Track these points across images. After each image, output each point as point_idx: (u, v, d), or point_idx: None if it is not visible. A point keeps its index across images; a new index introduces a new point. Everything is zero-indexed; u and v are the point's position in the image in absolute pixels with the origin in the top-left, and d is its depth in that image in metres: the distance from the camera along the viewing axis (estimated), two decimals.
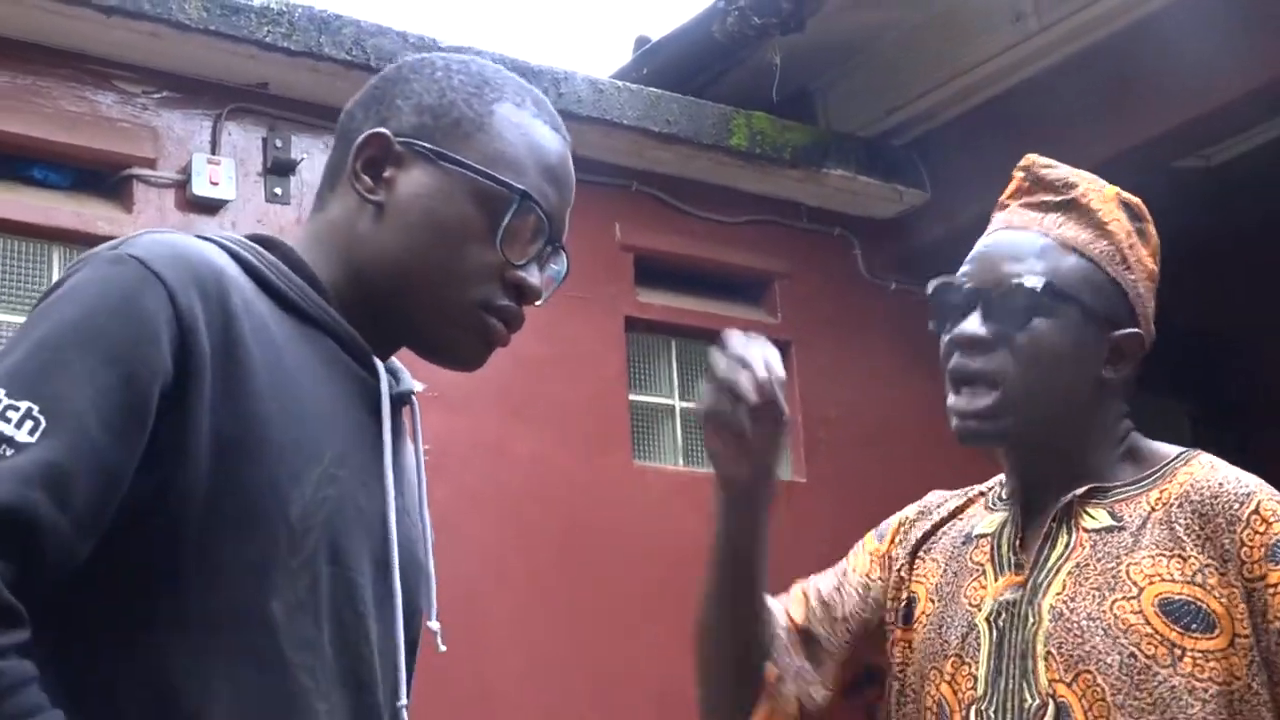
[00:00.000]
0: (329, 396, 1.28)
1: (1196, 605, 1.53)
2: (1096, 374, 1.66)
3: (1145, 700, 1.51)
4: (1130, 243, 1.71)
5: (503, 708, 3.54)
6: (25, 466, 1.06)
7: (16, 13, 3.27)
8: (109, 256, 1.19)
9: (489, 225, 1.34)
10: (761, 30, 4.13)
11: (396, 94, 1.40)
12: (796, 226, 4.46)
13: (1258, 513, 1.54)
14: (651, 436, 4.16)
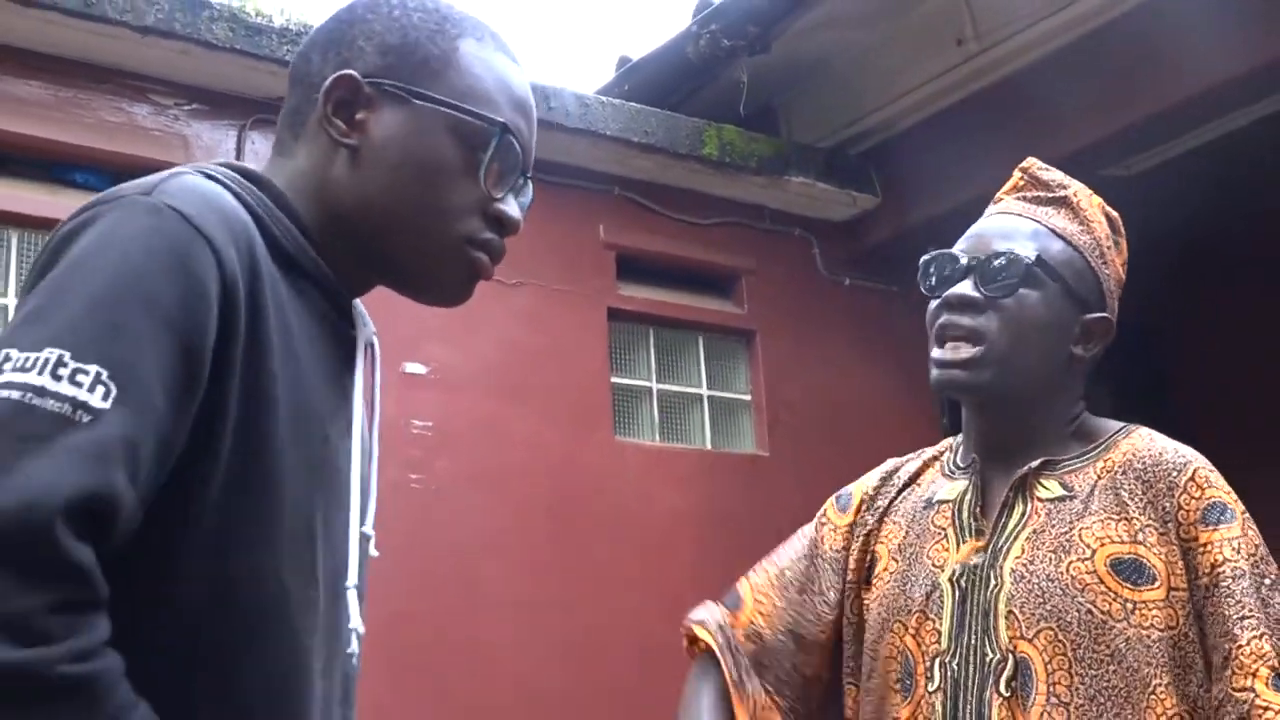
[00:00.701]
0: (316, 354, 1.18)
1: (1141, 562, 1.54)
2: (1068, 349, 1.68)
3: (1104, 652, 1.52)
4: (1108, 244, 1.73)
5: (496, 660, 3.56)
6: (106, 442, 0.95)
7: (60, 33, 3.26)
8: (146, 205, 1.07)
9: (469, 161, 1.24)
10: (730, 52, 4.13)
11: (356, 35, 1.27)
12: (761, 228, 4.47)
13: (1193, 479, 1.56)
14: (631, 415, 4.16)
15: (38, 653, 0.88)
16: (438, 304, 1.31)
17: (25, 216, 3.28)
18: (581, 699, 3.70)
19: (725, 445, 4.32)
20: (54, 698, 0.90)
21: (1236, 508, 1.56)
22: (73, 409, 0.94)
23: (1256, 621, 1.49)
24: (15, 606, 0.88)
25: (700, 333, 4.36)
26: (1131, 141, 4.13)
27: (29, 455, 0.91)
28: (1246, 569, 1.51)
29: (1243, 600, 1.50)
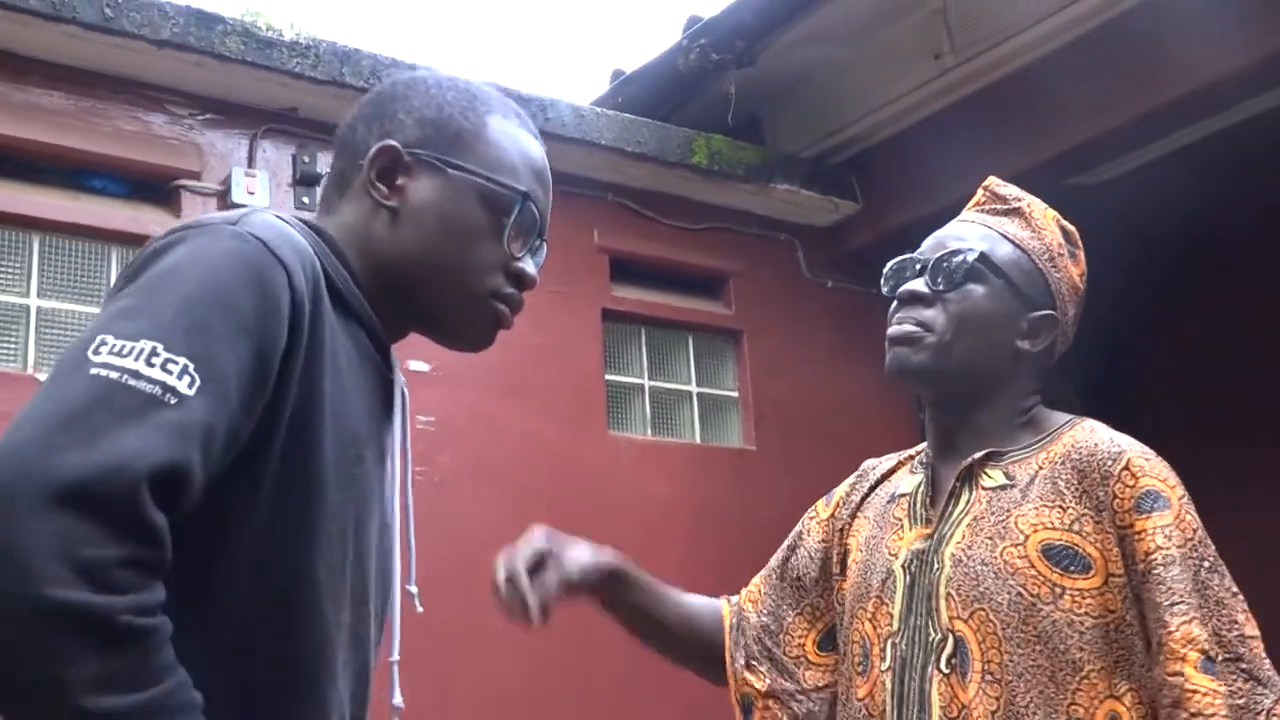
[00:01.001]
0: (357, 382, 1.26)
1: (1074, 550, 1.54)
2: (1013, 343, 1.69)
3: (1031, 633, 1.53)
4: (1060, 252, 1.75)
5: (497, 644, 3.56)
6: (189, 423, 1.02)
7: (81, 46, 3.26)
8: (231, 232, 1.15)
9: (494, 224, 1.34)
10: (719, 65, 4.15)
11: (398, 109, 1.37)
12: (748, 233, 4.48)
13: (1128, 469, 1.55)
14: (624, 411, 4.18)
15: (107, 600, 0.95)
16: (465, 349, 1.41)
17: (47, 221, 3.29)
18: (578, 680, 3.72)
19: (714, 440, 4.33)
20: (112, 643, 0.96)
21: (1172, 495, 1.55)
22: (162, 391, 1.02)
23: (1187, 607, 1.48)
24: (94, 555, 0.94)
25: (690, 332, 4.38)
26: (1096, 152, 4.15)
27: (123, 426, 0.99)
28: (1178, 555, 1.50)
29: (1174, 587, 1.49)
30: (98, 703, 0.94)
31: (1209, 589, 1.50)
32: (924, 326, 1.68)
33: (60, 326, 3.27)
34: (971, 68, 4.09)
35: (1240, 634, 1.48)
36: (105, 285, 3.35)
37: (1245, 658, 1.47)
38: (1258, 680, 1.46)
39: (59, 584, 0.93)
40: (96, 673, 0.95)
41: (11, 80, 3.27)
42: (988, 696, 1.53)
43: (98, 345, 1.04)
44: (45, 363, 3.20)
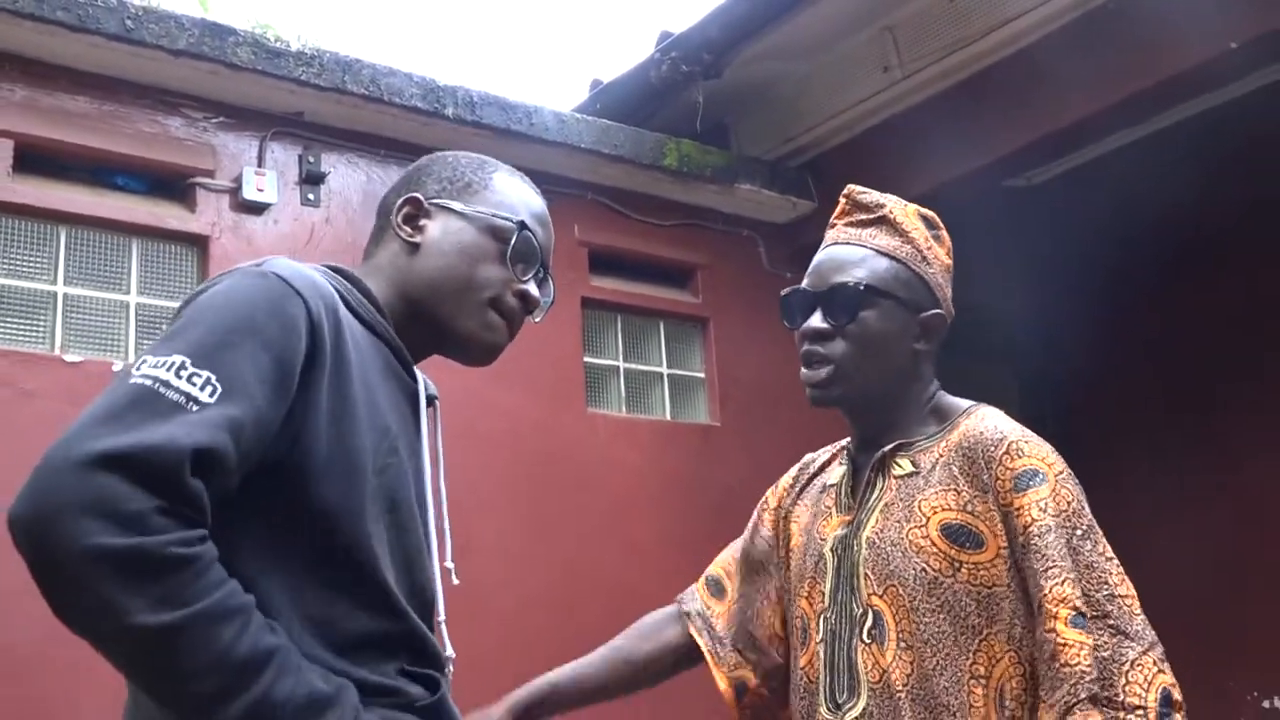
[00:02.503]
0: (387, 391, 1.36)
1: (968, 528, 1.58)
2: (911, 348, 1.73)
3: (935, 603, 1.58)
4: (928, 245, 1.78)
5: (484, 601, 3.57)
6: (215, 417, 1.12)
7: (104, 54, 3.24)
8: (256, 272, 1.27)
9: (499, 250, 1.47)
10: (688, 76, 4.15)
11: (421, 174, 1.52)
12: (714, 229, 4.48)
13: (1007, 452, 1.59)
14: (601, 390, 4.18)
15: (149, 539, 1.05)
16: (475, 360, 1.54)
17: (73, 215, 3.26)
18: (558, 633, 3.72)
19: (682, 417, 4.34)
20: (159, 570, 1.06)
21: (1049, 471, 1.59)
22: (186, 400, 1.12)
23: (1059, 570, 1.51)
24: (133, 508, 1.05)
25: (661, 319, 4.38)
26: (1030, 156, 4.18)
27: (151, 422, 1.10)
28: (1053, 524, 1.53)
29: (1047, 553, 1.52)
30: (156, 619, 1.04)
31: (1080, 554, 1.54)
32: (828, 360, 1.71)
33: (85, 312, 3.25)
34: (917, 79, 4.10)
35: (1110, 593, 1.52)
36: (126, 274, 3.33)
37: (1113, 615, 1.51)
38: (1125, 634, 1.50)
39: (100, 533, 1.03)
40: (150, 596, 1.04)
41: (41, 86, 3.23)
42: (903, 661, 1.58)
43: (140, 363, 1.16)
44: (71, 344, 3.18)
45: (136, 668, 1.10)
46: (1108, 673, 1.47)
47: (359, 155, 3.71)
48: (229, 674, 1.08)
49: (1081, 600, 1.50)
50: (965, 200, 4.30)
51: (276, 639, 1.13)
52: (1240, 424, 4.74)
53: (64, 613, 1.08)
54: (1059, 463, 1.62)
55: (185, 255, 3.43)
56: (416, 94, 3.64)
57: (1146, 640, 1.51)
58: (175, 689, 1.08)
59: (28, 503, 1.08)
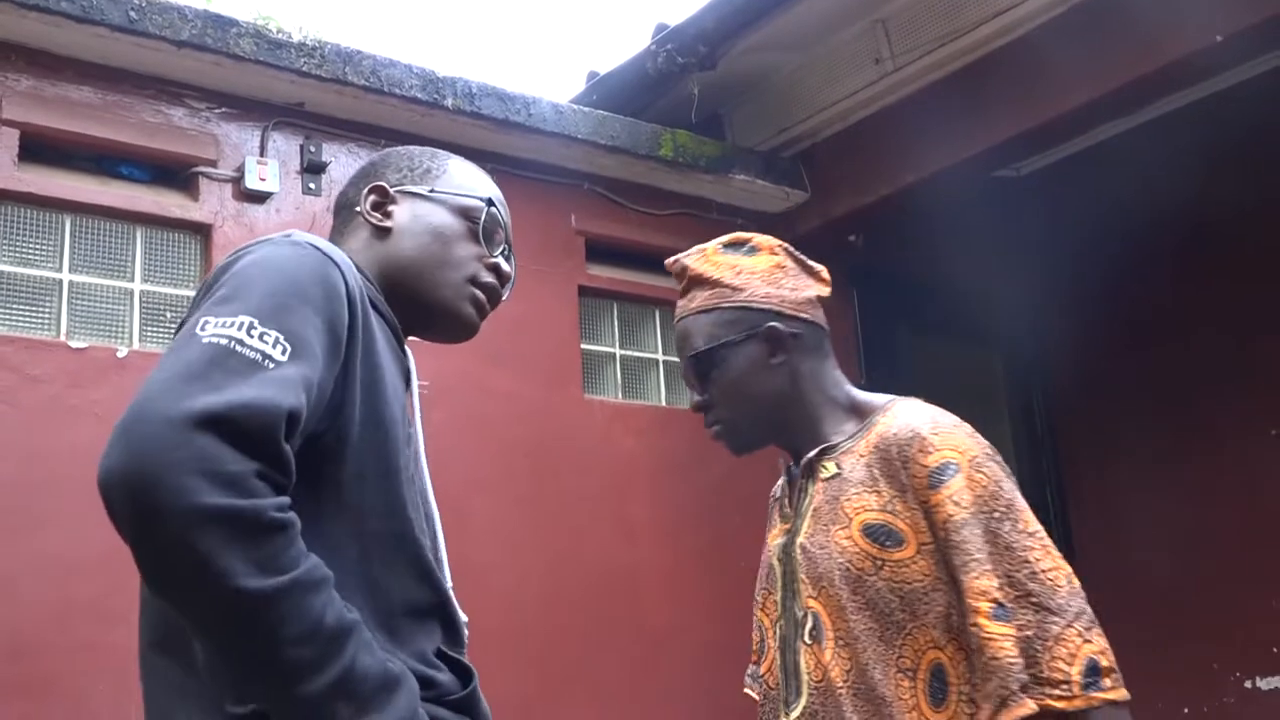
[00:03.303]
0: (391, 363, 1.36)
1: (889, 527, 1.58)
2: (773, 369, 1.73)
3: (861, 601, 1.59)
4: (736, 270, 1.77)
5: (484, 579, 3.59)
6: (293, 377, 1.12)
7: (109, 45, 3.23)
8: (291, 241, 1.27)
9: (469, 228, 1.50)
10: (684, 68, 4.14)
11: (378, 167, 1.54)
12: (709, 218, 4.48)
13: (920, 449, 1.59)
14: (597, 376, 4.19)
15: (251, 502, 1.04)
16: (455, 336, 1.52)
17: (78, 204, 3.26)
18: (554, 609, 3.75)
19: (677, 402, 4.35)
20: (261, 534, 1.05)
21: (962, 459, 1.58)
22: (263, 358, 1.11)
23: (976, 563, 1.51)
24: (235, 469, 1.04)
25: (657, 307, 4.39)
26: (1018, 148, 4.18)
27: (237, 381, 1.08)
28: (968, 516, 1.53)
29: (965, 547, 1.53)
30: (259, 583, 1.03)
31: (999, 536, 1.53)
32: (719, 421, 1.77)
33: (90, 298, 3.25)
34: (908, 71, 4.11)
35: (1031, 571, 1.51)
36: (130, 261, 3.33)
37: (1035, 592, 1.50)
38: (1048, 610, 1.49)
39: (207, 493, 1.02)
40: (251, 560, 1.03)
41: (46, 77, 3.23)
42: (840, 658, 1.60)
43: (203, 324, 1.13)
44: (76, 331, 3.18)
45: (230, 633, 1.05)
46: (1033, 651, 1.48)
47: (360, 145, 3.71)
48: (321, 643, 1.07)
49: (1002, 588, 1.50)
50: (956, 190, 4.31)
51: (354, 614, 1.13)
52: (1228, 411, 4.75)
53: (161, 574, 1.05)
54: (973, 447, 1.61)
55: (188, 243, 3.44)
56: (416, 85, 3.64)
57: (1070, 612, 1.49)
58: (270, 656, 1.05)
59: (127, 460, 1.03)
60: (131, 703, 3.09)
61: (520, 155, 3.98)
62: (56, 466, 2.99)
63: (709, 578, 4.07)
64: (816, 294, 1.80)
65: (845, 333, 4.72)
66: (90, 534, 3.00)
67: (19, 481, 2.95)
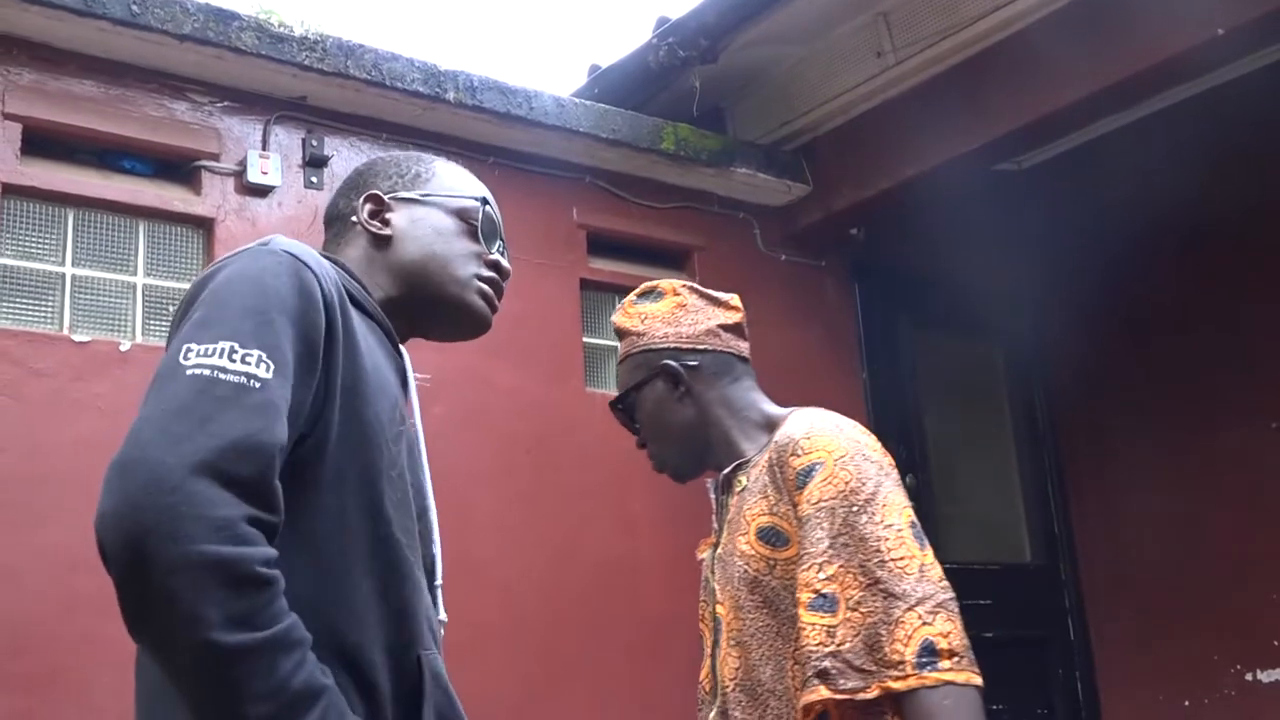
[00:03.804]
0: (384, 365, 1.37)
1: (777, 529, 1.66)
2: (680, 403, 1.84)
3: (758, 600, 1.67)
4: (642, 318, 1.89)
5: (484, 572, 3.59)
6: (278, 399, 1.14)
7: (111, 39, 3.23)
8: (266, 251, 1.28)
9: (467, 228, 1.52)
10: (685, 61, 4.13)
11: (366, 177, 1.55)
12: (710, 211, 4.48)
13: (793, 453, 1.66)
14: (599, 369, 4.18)
15: (241, 551, 1.05)
16: (467, 334, 1.55)
17: (81, 197, 3.25)
18: (553, 601, 3.75)
19: None
20: (246, 587, 1.05)
21: (829, 458, 1.62)
22: (248, 379, 1.13)
23: (810, 556, 1.57)
24: (228, 515, 1.05)
25: None
26: (1019, 142, 4.18)
27: (224, 411, 1.09)
28: (816, 512, 1.59)
29: (805, 545, 1.59)
30: (231, 638, 1.03)
31: (855, 528, 1.56)
32: (655, 457, 1.89)
33: (92, 292, 3.25)
34: (909, 65, 4.10)
35: (880, 560, 1.53)
36: (133, 255, 3.32)
37: (883, 579, 1.52)
38: (893, 595, 1.51)
39: (199, 540, 1.03)
40: (228, 613, 1.03)
41: (49, 70, 3.22)
42: (732, 657, 1.68)
43: (185, 353, 1.14)
44: (79, 324, 3.18)
45: (194, 682, 1.06)
46: (877, 636, 1.50)
47: (361, 139, 3.70)
48: (283, 703, 1.06)
49: (838, 582, 1.54)
50: (957, 184, 4.30)
51: (328, 680, 1.12)
52: (1228, 405, 4.74)
53: (140, 616, 1.06)
54: (844, 447, 1.64)
55: (191, 237, 3.43)
56: (418, 79, 3.63)
57: (915, 596, 1.50)
58: (229, 709, 1.05)
59: (120, 504, 1.05)
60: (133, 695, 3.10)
61: (522, 149, 3.97)
62: (59, 460, 2.98)
63: None
64: (719, 323, 1.91)
65: (846, 326, 4.72)
66: (91, 527, 3.01)
67: (22, 475, 2.95)
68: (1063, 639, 5.11)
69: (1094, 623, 5.13)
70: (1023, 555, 5.20)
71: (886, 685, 1.47)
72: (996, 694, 5.47)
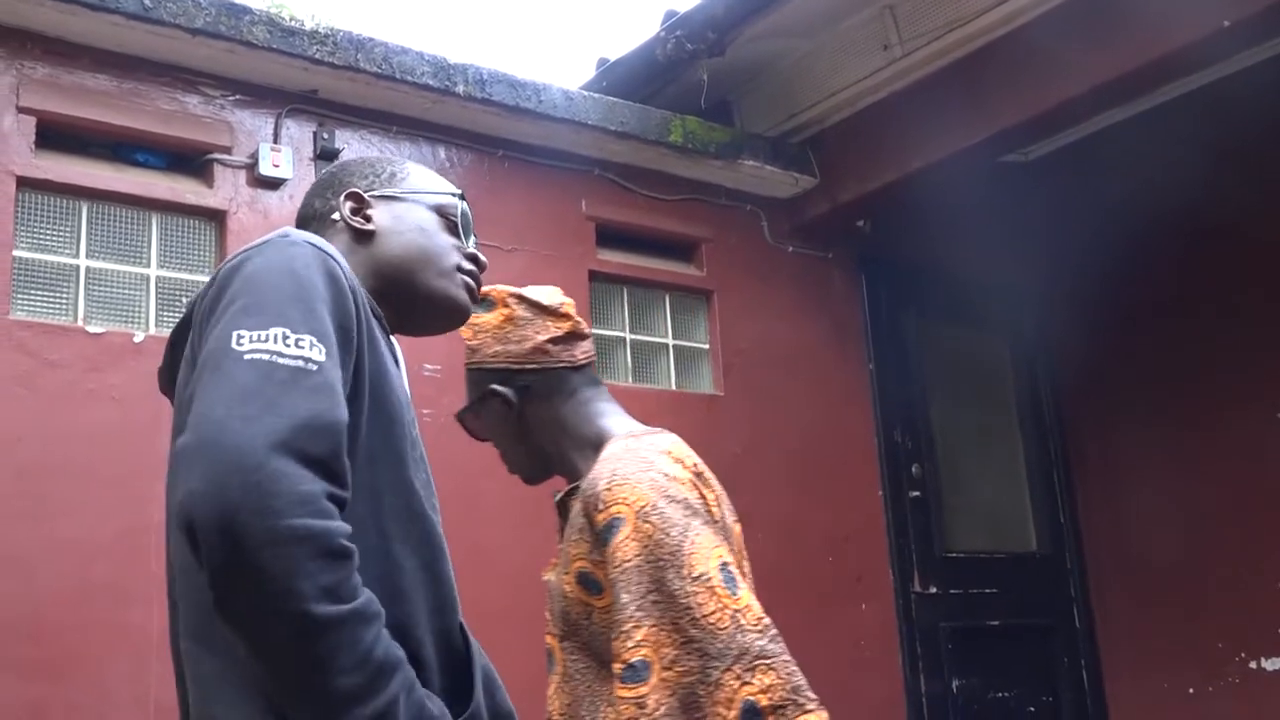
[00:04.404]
0: (388, 352, 1.39)
1: (592, 576, 1.60)
2: (510, 420, 1.83)
3: (579, 642, 1.64)
4: (475, 330, 1.89)
5: (492, 561, 3.60)
6: (334, 380, 1.16)
7: (124, 33, 3.23)
8: (289, 242, 1.28)
9: (445, 223, 1.55)
10: (693, 54, 4.13)
11: (341, 177, 1.56)
12: (718, 203, 4.48)
13: (595, 507, 1.59)
14: (608, 361, 4.19)
15: (326, 524, 1.07)
16: (447, 324, 1.57)
17: (94, 190, 3.26)
18: None
19: (687, 386, 4.35)
20: (334, 560, 1.07)
21: (629, 511, 1.53)
22: (305, 362, 1.14)
23: (618, 625, 1.49)
24: (310, 490, 1.07)
25: (666, 291, 4.38)
26: (1025, 133, 4.16)
27: (288, 394, 1.11)
28: (618, 575, 1.51)
29: (616, 609, 1.51)
30: (325, 609, 1.05)
31: (664, 585, 1.48)
32: (505, 464, 1.92)
33: (106, 284, 3.26)
34: (916, 58, 4.09)
35: (692, 618, 1.45)
36: (146, 248, 3.33)
37: (697, 638, 1.44)
38: (708, 655, 1.43)
39: (291, 515, 1.04)
40: (321, 585, 1.05)
41: (62, 65, 3.23)
42: (563, 692, 1.66)
43: (237, 339, 1.15)
44: (93, 316, 3.19)
45: (287, 655, 1.06)
46: (696, 697, 1.43)
47: (372, 132, 3.71)
48: (369, 674, 1.08)
49: (649, 646, 1.46)
50: (964, 176, 4.29)
51: (400, 651, 1.14)
52: (1233, 394, 4.73)
53: (233, 594, 1.06)
54: (644, 497, 1.54)
55: (203, 229, 3.44)
56: (428, 72, 3.63)
57: (730, 655, 1.42)
58: (320, 682, 1.06)
59: (209, 485, 1.05)
60: (149, 681, 3.12)
61: (531, 141, 3.97)
62: (75, 450, 3.00)
63: None
64: (548, 338, 1.84)
65: (853, 317, 4.71)
66: (107, 516, 3.02)
67: (38, 465, 2.96)
68: (1068, 627, 5.11)
69: (1099, 611, 5.13)
70: (1029, 544, 5.20)
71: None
72: (1003, 681, 5.49)
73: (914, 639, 4.55)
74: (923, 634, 4.58)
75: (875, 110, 4.33)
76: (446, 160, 3.83)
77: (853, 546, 4.47)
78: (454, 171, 3.82)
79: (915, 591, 4.60)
